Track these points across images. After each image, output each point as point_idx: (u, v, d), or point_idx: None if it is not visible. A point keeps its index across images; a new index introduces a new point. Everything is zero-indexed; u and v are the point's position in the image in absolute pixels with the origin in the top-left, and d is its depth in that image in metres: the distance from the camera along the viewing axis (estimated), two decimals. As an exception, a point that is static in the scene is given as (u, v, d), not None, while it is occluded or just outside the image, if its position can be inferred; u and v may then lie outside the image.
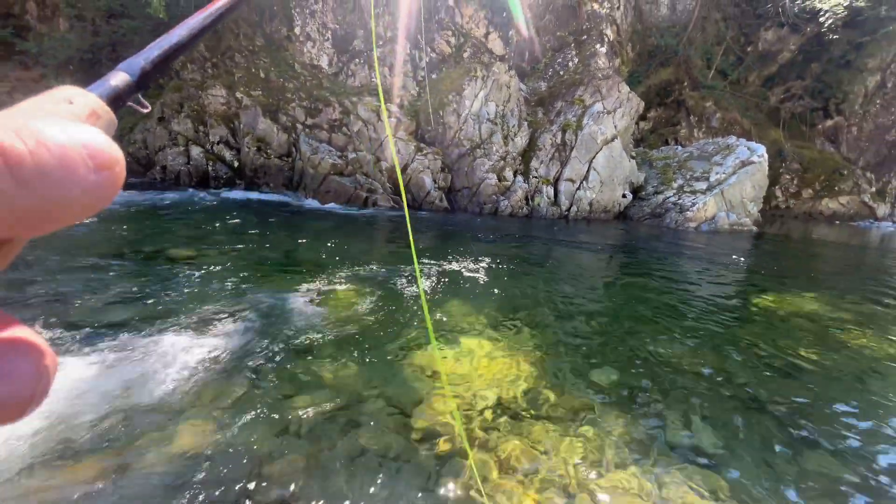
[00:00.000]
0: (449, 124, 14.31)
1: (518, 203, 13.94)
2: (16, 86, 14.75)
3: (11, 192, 0.17)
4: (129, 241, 6.46)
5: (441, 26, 16.20)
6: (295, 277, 5.59)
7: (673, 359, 4.23)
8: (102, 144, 0.21)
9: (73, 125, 0.21)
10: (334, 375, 3.41)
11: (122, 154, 0.22)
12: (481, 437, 2.85)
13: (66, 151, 0.20)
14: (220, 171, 12.83)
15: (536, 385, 3.53)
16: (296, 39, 14.32)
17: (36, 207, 0.18)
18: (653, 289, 6.76)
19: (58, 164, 0.19)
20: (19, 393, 0.19)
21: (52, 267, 5.03)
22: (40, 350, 0.21)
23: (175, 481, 2.27)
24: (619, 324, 5.09)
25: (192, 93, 13.25)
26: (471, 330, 4.47)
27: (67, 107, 0.26)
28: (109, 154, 0.21)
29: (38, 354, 0.21)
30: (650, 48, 21.23)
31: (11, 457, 2.25)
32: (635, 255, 9.52)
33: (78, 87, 0.28)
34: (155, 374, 3.13)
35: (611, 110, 14.95)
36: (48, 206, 0.19)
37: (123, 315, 3.97)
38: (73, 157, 0.20)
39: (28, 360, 0.20)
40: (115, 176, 0.21)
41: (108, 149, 0.21)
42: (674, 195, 15.36)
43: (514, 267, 7.34)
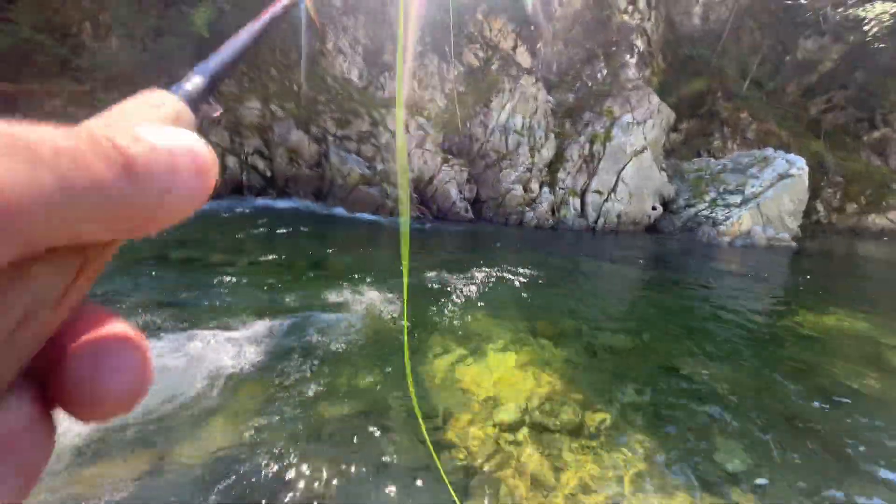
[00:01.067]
0: (476, 136, 14.40)
1: (544, 214, 13.82)
2: (69, 99, 15.78)
3: (126, 193, 0.18)
4: (169, 246, 6.75)
5: (470, 40, 16.40)
6: (323, 284, 5.69)
7: (703, 377, 4.06)
8: (203, 149, 0.22)
9: (178, 130, 0.22)
10: (358, 383, 3.43)
11: (216, 158, 0.23)
12: (504, 449, 2.80)
13: (174, 155, 0.21)
14: (254, 180, 13.28)
15: (560, 399, 3.45)
16: (328, 54, 14.79)
17: (144, 208, 0.19)
18: (683, 305, 6.54)
19: (167, 167, 0.20)
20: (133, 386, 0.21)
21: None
22: (143, 345, 0.22)
23: (205, 479, 2.32)
24: (648, 340, 4.93)
25: (229, 105, 13.83)
26: (495, 341, 4.42)
27: (158, 111, 0.27)
28: (208, 158, 0.22)
29: (142, 349, 0.22)
30: (682, 58, 20.84)
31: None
32: (665, 269, 9.25)
33: (165, 91, 0.29)
34: (189, 375, 3.23)
35: (641, 121, 14.70)
36: (155, 207, 0.20)
37: (162, 317, 4.13)
38: (179, 161, 0.21)
39: (135, 354, 0.21)
40: (212, 178, 0.23)
41: (207, 153, 0.23)
42: (706, 208, 14.90)
43: (540, 279, 7.25)
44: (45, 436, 0.19)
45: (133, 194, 0.19)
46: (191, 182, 0.21)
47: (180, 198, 0.21)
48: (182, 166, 0.21)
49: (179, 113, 0.29)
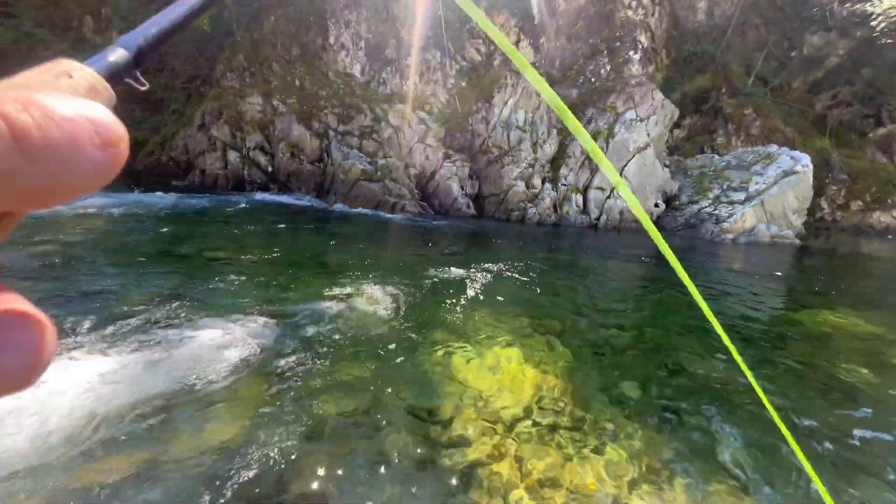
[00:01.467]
0: (478, 131, 14.33)
1: (546, 211, 13.76)
2: (72, 94, 15.74)
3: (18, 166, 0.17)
4: (169, 241, 6.74)
5: (472, 35, 16.30)
6: (322, 280, 5.67)
7: (706, 375, 4.03)
8: (109, 121, 0.21)
9: (79, 100, 0.21)
10: (358, 378, 3.42)
11: (126, 131, 0.22)
12: (505, 445, 2.78)
13: (74, 126, 0.19)
14: (255, 175, 13.26)
15: (562, 396, 3.43)
16: (330, 49, 14.72)
17: (41, 182, 0.18)
18: (686, 302, 6.50)
19: (65, 139, 0.19)
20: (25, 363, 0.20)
21: (98, 264, 5.29)
22: (41, 322, 0.21)
23: (205, 475, 2.31)
24: (650, 337, 4.90)
25: (230, 100, 13.80)
26: (497, 337, 4.40)
27: (67, 80, 0.25)
28: (116, 131, 0.21)
29: (40, 326, 0.21)
30: (686, 54, 20.68)
31: (49, 448, 2.34)
32: (668, 267, 9.18)
33: (75, 62, 0.27)
34: (190, 370, 3.22)
35: (644, 118, 14.61)
36: (53, 181, 0.19)
37: (162, 312, 4.12)
38: (80, 133, 0.20)
39: (30, 331, 0.20)
40: (119, 153, 0.21)
41: (114, 125, 0.21)
42: (710, 205, 14.82)
43: (542, 276, 7.22)
44: None
45: (25, 166, 0.17)
46: (95, 155, 0.20)
47: (83, 172, 0.20)
48: (85, 139, 0.20)
49: (93, 85, 0.27)
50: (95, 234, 6.70)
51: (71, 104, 0.20)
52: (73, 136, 0.19)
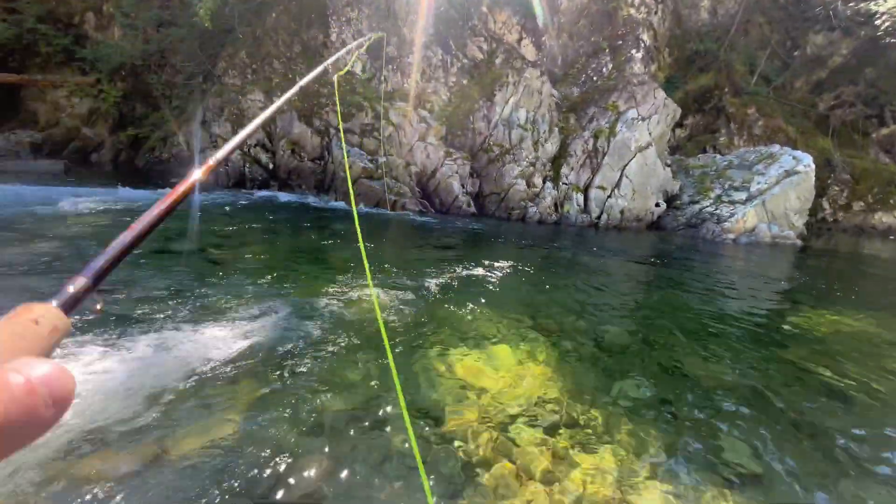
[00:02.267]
0: (479, 130, 14.30)
1: (547, 210, 13.75)
2: (74, 90, 15.77)
3: None
4: (170, 238, 6.76)
5: (474, 32, 16.25)
6: (323, 277, 5.69)
7: (706, 375, 4.03)
8: (61, 381, 0.24)
9: (41, 365, 0.24)
10: (358, 376, 3.43)
11: (75, 383, 0.26)
12: (504, 445, 2.79)
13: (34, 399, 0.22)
14: (256, 172, 13.27)
15: (562, 395, 3.44)
16: (331, 46, 14.69)
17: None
18: (687, 302, 6.50)
19: (25, 414, 0.21)
20: None
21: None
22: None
23: (206, 470, 2.33)
24: (650, 337, 4.91)
25: (232, 97, 13.79)
26: (496, 336, 4.41)
27: (34, 329, 0.29)
28: (66, 388, 0.24)
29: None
30: (689, 53, 20.59)
31: (49, 444, 2.36)
32: (669, 266, 9.20)
33: (41, 305, 0.33)
34: (190, 367, 3.24)
35: (646, 117, 14.56)
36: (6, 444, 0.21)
37: (164, 309, 4.13)
38: (38, 403, 0.22)
39: None
40: (67, 406, 0.24)
41: (65, 383, 0.24)
42: (711, 205, 14.78)
43: (542, 274, 7.22)
44: None
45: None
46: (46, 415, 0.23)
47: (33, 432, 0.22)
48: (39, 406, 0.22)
49: (56, 326, 0.33)
50: (98, 230, 6.72)
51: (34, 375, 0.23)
52: (31, 408, 0.22)
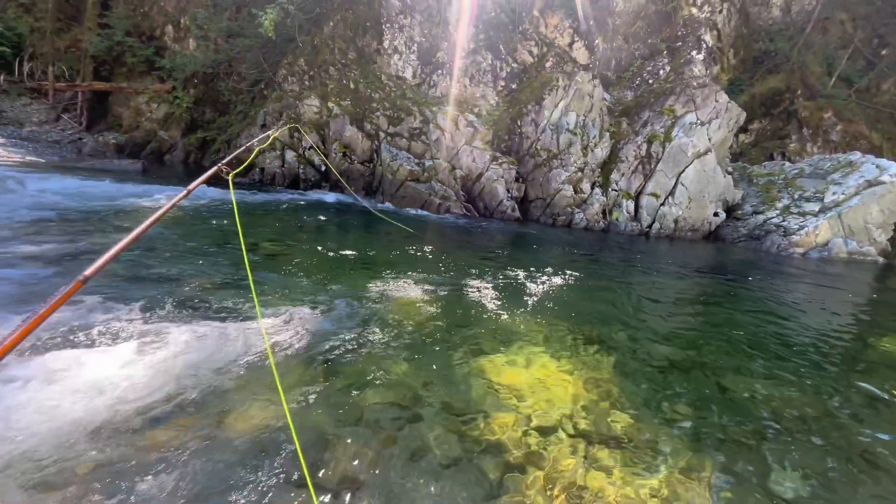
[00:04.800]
0: (526, 134, 14.17)
1: (594, 216, 13.35)
2: (153, 97, 17.31)
3: None
4: (230, 233, 7.24)
5: (524, 36, 16.14)
6: (367, 275, 5.86)
7: (764, 397, 3.75)
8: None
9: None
10: (398, 372, 3.50)
11: None
12: (539, 453, 2.75)
13: None
14: (309, 174, 13.90)
15: (604, 408, 3.33)
16: (384, 52, 15.15)
17: None
18: (746, 319, 6.07)
19: None
20: None
21: (169, 251, 5.79)
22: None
23: (250, 451, 2.47)
24: (703, 353, 4.63)
25: (290, 102, 14.56)
26: (537, 344, 4.35)
27: None
28: None
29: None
30: (756, 54, 19.27)
31: (107, 417, 2.59)
32: (727, 280, 8.63)
33: None
34: (240, 353, 3.46)
35: (705, 121, 13.79)
36: None
37: (221, 298, 4.44)
38: None
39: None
40: None
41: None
42: (777, 216, 13.72)
43: (588, 282, 7.03)
44: None
45: None
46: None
47: None
48: None
49: None
50: (168, 224, 7.32)
51: None
52: None
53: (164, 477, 2.20)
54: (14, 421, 2.42)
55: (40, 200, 7.61)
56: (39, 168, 11.10)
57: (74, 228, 6.29)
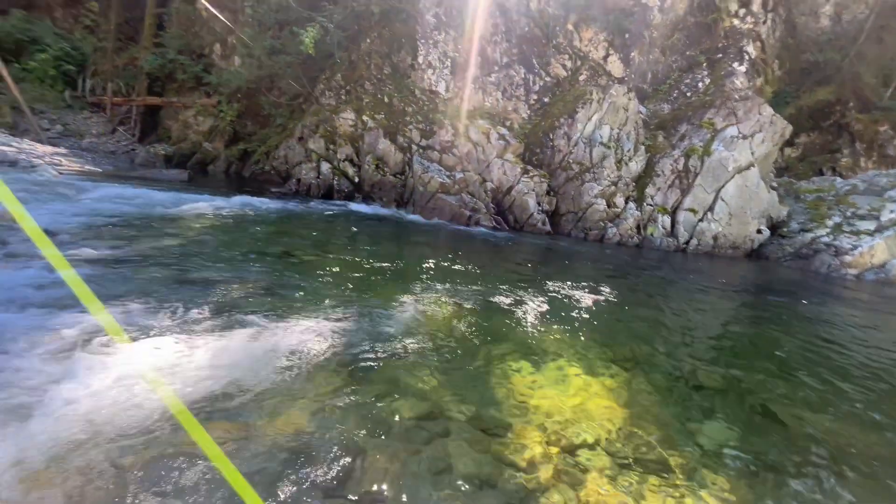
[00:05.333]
0: (558, 147, 14.05)
1: (628, 231, 13.01)
2: (199, 110, 18.33)
3: None
4: (267, 240, 7.49)
5: (558, 50, 16.12)
6: (397, 285, 5.91)
7: (808, 427, 3.49)
8: None
9: None
10: (426, 384, 3.49)
11: None
12: (569, 474, 2.65)
13: None
14: (343, 185, 14.26)
15: (637, 429, 3.19)
16: (418, 67, 15.47)
17: None
18: (795, 343, 5.71)
19: None
20: None
21: (209, 257, 6.04)
22: None
23: (281, 455, 2.50)
24: (744, 378, 4.38)
25: (327, 116, 15.06)
26: (568, 361, 4.24)
27: None
28: None
29: None
30: (804, 65, 18.47)
31: (147, 413, 2.69)
32: (769, 300, 8.17)
33: None
34: (275, 357, 3.54)
35: (748, 135, 13.26)
36: None
37: (256, 303, 4.58)
38: None
39: None
40: None
41: None
42: (828, 234, 12.94)
43: (622, 299, 6.82)
44: None
45: None
46: None
47: None
48: None
49: None
50: (209, 230, 7.66)
51: None
52: None
53: (188, 480, 2.26)
54: (58, 415, 2.55)
55: (97, 207, 8.14)
56: (97, 176, 11.91)
57: (127, 233, 6.68)
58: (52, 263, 1.11)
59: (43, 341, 3.31)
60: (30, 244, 5.28)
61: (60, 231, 6.19)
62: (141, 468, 2.29)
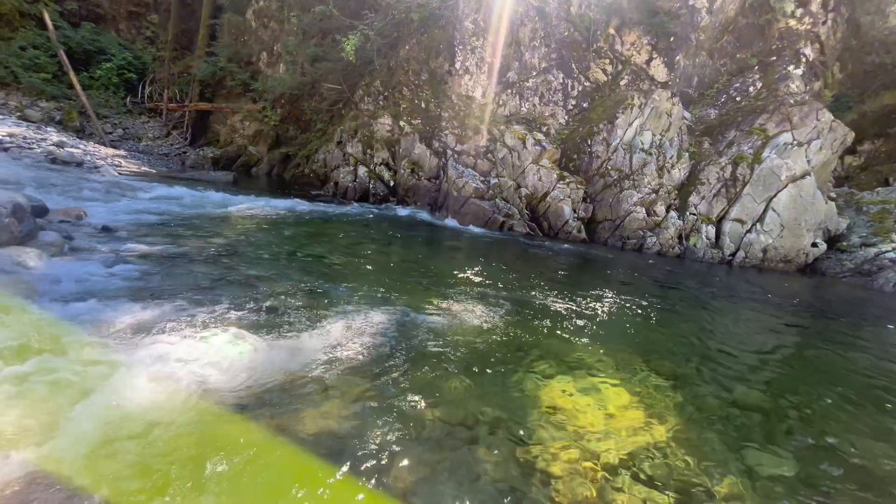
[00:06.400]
0: (596, 154, 13.72)
1: (669, 241, 12.50)
2: (245, 116, 19.21)
3: None
4: (306, 242, 7.72)
5: (598, 55, 15.79)
6: (429, 290, 5.93)
7: (868, 456, 3.21)
8: None
9: None
10: (457, 390, 3.47)
11: None
12: (601, 489, 2.56)
13: None
14: (379, 189, 14.52)
15: (674, 450, 3.04)
16: (455, 73, 15.57)
17: None
18: (850, 366, 5.29)
19: None
20: None
21: (251, 257, 6.30)
22: None
23: (314, 453, 2.56)
24: (796, 402, 4.09)
25: (365, 121, 15.41)
26: (604, 373, 4.11)
27: None
28: None
29: None
30: (868, 67, 17.19)
31: (193, 406, 2.82)
32: (825, 319, 7.62)
33: None
34: (311, 356, 3.64)
35: (803, 142, 12.46)
36: None
37: (295, 303, 4.72)
38: None
39: None
40: None
41: None
42: (894, 250, 11.93)
43: (660, 311, 6.55)
44: None
45: None
46: None
47: None
48: None
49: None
50: (252, 231, 7.98)
51: None
52: None
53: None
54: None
55: (152, 206, 8.68)
56: (151, 177, 12.71)
57: (178, 231, 7.08)
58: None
59: (101, 329, 3.55)
60: (91, 239, 5.69)
61: (119, 228, 6.63)
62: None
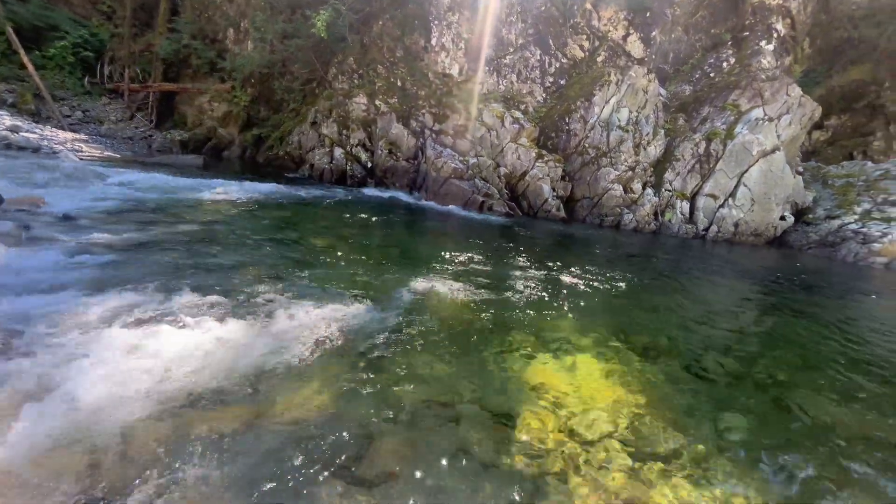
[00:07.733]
0: (574, 131, 13.73)
1: (645, 217, 12.72)
2: (214, 96, 18.38)
3: None
4: (279, 226, 7.53)
5: (576, 31, 15.63)
6: (408, 271, 5.89)
7: (832, 417, 3.39)
8: None
9: None
10: (437, 369, 3.48)
11: None
12: (580, 463, 2.62)
13: None
14: (356, 170, 14.23)
15: (651, 418, 3.13)
16: (431, 50, 15.19)
17: None
18: (815, 333, 5.54)
19: None
20: None
21: (223, 242, 6.10)
22: None
23: (293, 438, 2.53)
24: (763, 367, 4.27)
25: (340, 101, 14.96)
26: (580, 347, 4.18)
27: None
28: None
29: None
30: (836, 42, 17.57)
31: (167, 396, 2.74)
32: (795, 290, 7.93)
33: None
34: (287, 341, 3.56)
35: (774, 117, 12.74)
36: None
37: (269, 288, 4.61)
38: None
39: None
40: None
41: None
42: (856, 222, 12.46)
43: (636, 287, 6.69)
44: None
45: None
46: None
47: None
48: None
49: None
50: (223, 216, 7.72)
51: None
52: None
53: (204, 461, 2.29)
54: (68, 396, 2.61)
55: (115, 192, 8.27)
56: (115, 162, 12.10)
57: (144, 218, 6.78)
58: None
59: (64, 321, 3.39)
60: (51, 228, 5.40)
61: (81, 216, 6.31)
62: (147, 442, 2.33)
